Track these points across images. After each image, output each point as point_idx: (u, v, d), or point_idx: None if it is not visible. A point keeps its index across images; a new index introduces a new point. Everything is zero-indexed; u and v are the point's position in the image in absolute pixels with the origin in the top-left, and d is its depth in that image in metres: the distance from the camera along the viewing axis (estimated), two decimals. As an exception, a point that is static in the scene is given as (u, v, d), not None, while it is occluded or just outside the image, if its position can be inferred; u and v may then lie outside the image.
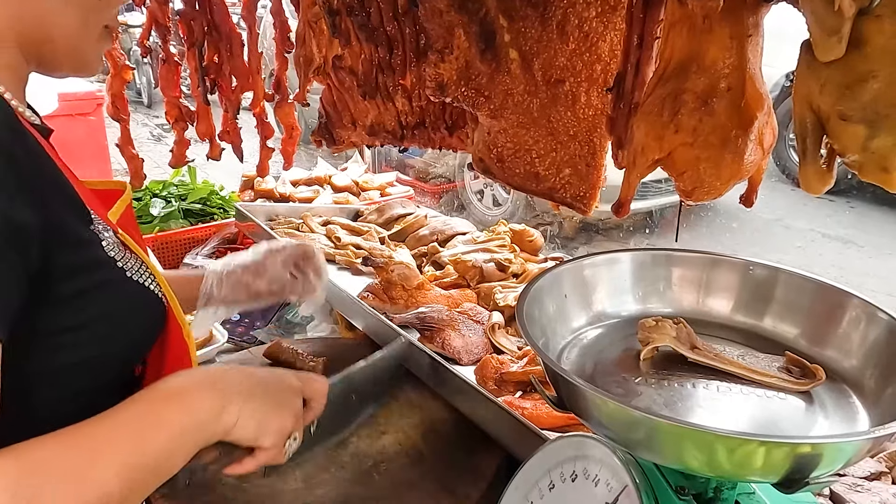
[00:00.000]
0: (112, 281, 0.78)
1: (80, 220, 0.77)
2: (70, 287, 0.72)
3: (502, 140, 1.30)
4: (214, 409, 0.72)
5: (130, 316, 0.81)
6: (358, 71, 1.57)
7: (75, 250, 0.74)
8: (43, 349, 0.72)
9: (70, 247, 0.73)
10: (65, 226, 0.73)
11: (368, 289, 1.67)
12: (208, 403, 0.72)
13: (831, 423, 0.80)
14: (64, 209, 0.74)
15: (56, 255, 0.70)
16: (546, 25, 1.23)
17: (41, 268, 0.68)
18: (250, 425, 0.74)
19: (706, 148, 1.05)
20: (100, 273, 0.77)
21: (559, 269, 0.99)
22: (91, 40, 0.82)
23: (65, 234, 0.72)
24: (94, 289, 0.75)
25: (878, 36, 0.82)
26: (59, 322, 0.72)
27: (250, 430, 0.74)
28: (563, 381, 0.80)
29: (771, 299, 0.98)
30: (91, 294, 0.75)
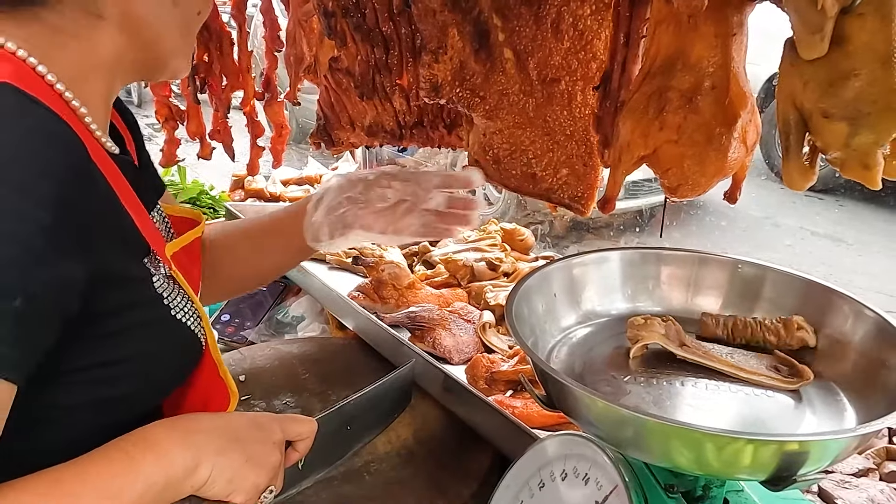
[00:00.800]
0: (155, 319, 0.78)
1: (134, 256, 0.77)
2: (113, 324, 0.72)
3: (498, 141, 1.30)
4: (187, 465, 0.71)
5: (168, 355, 0.80)
6: (355, 72, 1.56)
7: (123, 289, 0.73)
8: (77, 383, 0.71)
9: (118, 287, 0.72)
10: (115, 267, 0.72)
11: (359, 288, 1.66)
12: (181, 459, 0.70)
13: (819, 420, 0.80)
14: (118, 250, 0.73)
15: (102, 296, 0.69)
16: (540, 24, 1.22)
17: (83, 310, 0.67)
18: (221, 482, 0.73)
19: (691, 145, 1.05)
20: (145, 311, 0.77)
21: (548, 268, 0.99)
22: (189, 49, 0.87)
23: (114, 275, 0.71)
24: (137, 326, 0.75)
25: (860, 34, 0.83)
26: (98, 357, 0.72)
27: (221, 486, 0.73)
28: (552, 381, 0.80)
29: (759, 297, 0.98)
30: (133, 331, 0.74)
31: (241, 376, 1.47)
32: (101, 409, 0.74)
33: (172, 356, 0.81)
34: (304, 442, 0.86)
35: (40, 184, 0.62)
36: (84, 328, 0.68)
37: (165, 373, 0.81)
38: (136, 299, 0.75)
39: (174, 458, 0.70)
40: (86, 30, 0.75)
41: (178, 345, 0.81)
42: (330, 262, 1.88)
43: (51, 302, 0.63)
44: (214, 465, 0.72)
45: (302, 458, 0.89)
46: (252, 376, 1.47)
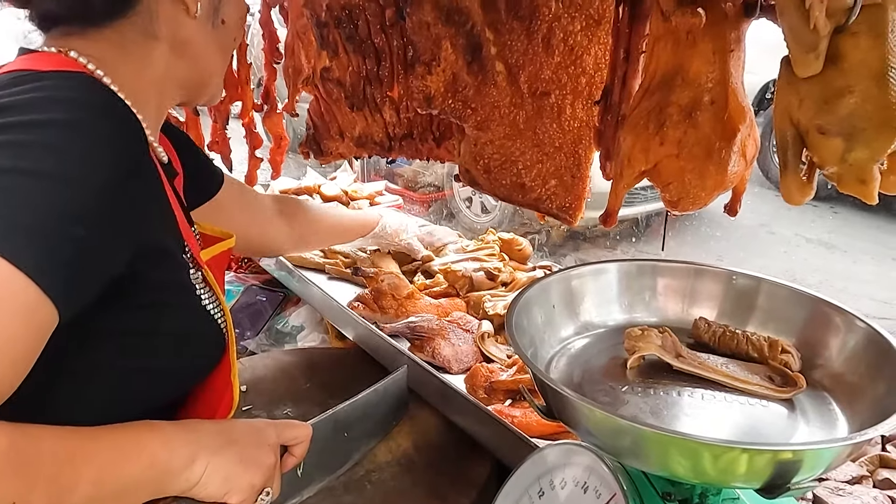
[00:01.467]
0: (188, 304, 0.85)
1: (178, 247, 0.84)
2: (150, 296, 0.78)
3: (489, 151, 1.32)
4: (186, 457, 0.74)
5: (196, 340, 0.86)
6: (345, 82, 1.58)
7: (166, 268, 0.81)
8: (110, 345, 0.76)
9: (162, 264, 0.80)
10: (163, 245, 0.80)
11: (358, 298, 1.67)
12: (181, 450, 0.74)
13: (812, 429, 0.82)
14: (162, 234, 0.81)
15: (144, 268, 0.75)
16: (532, 39, 1.25)
17: (127, 275, 0.73)
18: (216, 480, 0.76)
19: (691, 159, 1.07)
20: (180, 294, 0.83)
21: (547, 280, 1.01)
22: (223, 73, 0.97)
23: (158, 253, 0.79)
24: (171, 306, 0.82)
25: (853, 52, 0.85)
26: (132, 325, 0.77)
27: (216, 485, 0.76)
28: (551, 392, 0.81)
29: (754, 308, 1.00)
30: (167, 308, 0.81)
31: (242, 386, 1.48)
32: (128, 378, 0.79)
33: (198, 342, 0.87)
34: (301, 446, 0.90)
35: (120, 149, 0.71)
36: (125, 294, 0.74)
37: (191, 357, 0.86)
38: (173, 282, 0.82)
39: (176, 447, 0.74)
40: (143, 48, 0.85)
41: (206, 333, 0.87)
42: (329, 271, 1.90)
43: (104, 252, 0.69)
44: (210, 462, 0.76)
45: (300, 464, 0.91)
46: (253, 386, 1.48)
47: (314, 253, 1.94)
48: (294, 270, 1.84)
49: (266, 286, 2.02)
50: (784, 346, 0.91)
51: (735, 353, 0.94)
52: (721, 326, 0.97)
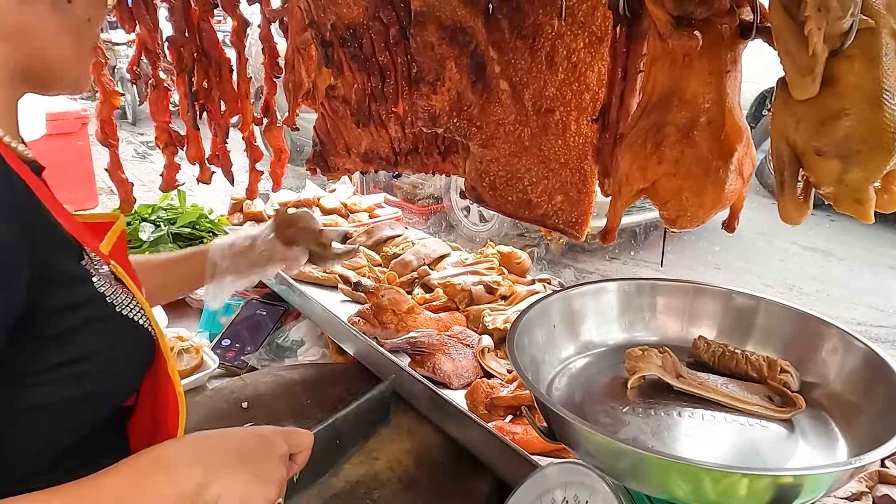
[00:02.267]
0: (102, 317, 0.78)
1: (71, 258, 0.77)
2: (60, 325, 0.73)
3: (494, 168, 1.33)
4: (198, 483, 0.72)
5: (121, 351, 0.81)
6: (351, 100, 1.59)
7: (65, 289, 0.74)
8: (35, 386, 0.73)
9: (60, 286, 0.74)
10: (53, 269, 0.73)
11: (359, 314, 1.68)
12: (191, 476, 0.72)
13: (812, 450, 0.82)
14: (53, 249, 0.75)
15: (45, 298, 0.71)
16: (535, 57, 1.26)
17: (32, 308, 0.69)
18: (232, 499, 0.75)
19: (688, 178, 1.08)
20: (90, 310, 0.77)
21: (548, 300, 1.01)
22: (84, 60, 0.86)
23: (53, 277, 0.73)
24: (85, 325, 0.76)
25: (849, 75, 0.86)
26: (51, 359, 0.73)
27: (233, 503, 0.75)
28: (552, 414, 0.82)
29: (752, 326, 1.01)
30: (82, 331, 0.76)
31: (243, 403, 1.48)
32: (64, 411, 0.75)
33: (124, 352, 0.81)
34: (303, 454, 0.89)
35: None
36: (34, 329, 0.70)
37: (121, 370, 0.82)
38: (80, 300, 0.76)
39: (184, 476, 0.72)
40: None
41: (129, 341, 0.82)
42: (321, 280, 1.90)
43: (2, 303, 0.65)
44: (225, 484, 0.74)
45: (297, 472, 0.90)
46: (254, 403, 1.48)
47: (312, 267, 1.95)
48: (294, 285, 1.85)
49: (266, 300, 2.02)
50: (783, 365, 0.92)
51: (734, 373, 0.95)
52: (720, 346, 0.97)
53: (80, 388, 0.76)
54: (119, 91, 2.11)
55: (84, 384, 0.76)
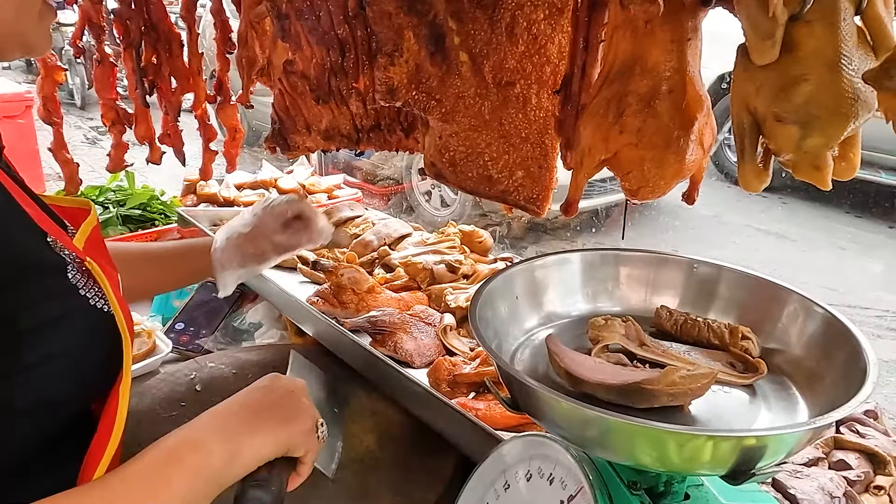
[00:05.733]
0: (74, 309, 0.75)
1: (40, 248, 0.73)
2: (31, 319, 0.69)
3: (454, 144, 1.30)
4: (227, 453, 0.74)
5: (94, 347, 0.77)
6: (310, 75, 1.55)
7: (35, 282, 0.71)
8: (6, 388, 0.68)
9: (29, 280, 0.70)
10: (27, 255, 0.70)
11: (318, 293, 1.64)
12: (221, 448, 0.74)
13: (774, 414, 0.83)
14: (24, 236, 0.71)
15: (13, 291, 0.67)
16: (495, 28, 1.23)
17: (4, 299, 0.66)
18: (265, 453, 0.77)
19: (650, 148, 1.07)
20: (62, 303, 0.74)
21: (510, 271, 1.00)
22: (31, 20, 0.79)
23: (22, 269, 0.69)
24: (60, 318, 0.72)
25: (808, 40, 0.86)
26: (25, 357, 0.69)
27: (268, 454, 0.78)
28: (516, 383, 0.80)
29: (714, 295, 1.01)
30: (54, 325, 0.72)
31: (196, 386, 1.44)
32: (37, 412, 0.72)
33: (98, 348, 0.78)
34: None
35: None
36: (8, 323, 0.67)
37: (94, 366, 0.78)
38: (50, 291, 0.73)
39: (214, 449, 0.74)
40: None
41: (103, 336, 0.78)
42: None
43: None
44: (253, 444, 0.76)
45: None
46: (208, 386, 1.43)
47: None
48: (251, 266, 1.80)
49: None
50: (744, 332, 0.92)
51: (697, 341, 0.95)
52: (682, 314, 0.97)
53: (52, 387, 0.72)
54: (62, 66, 2.01)
55: (55, 383, 0.72)
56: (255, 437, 0.77)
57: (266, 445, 0.78)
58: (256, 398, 0.83)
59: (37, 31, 0.80)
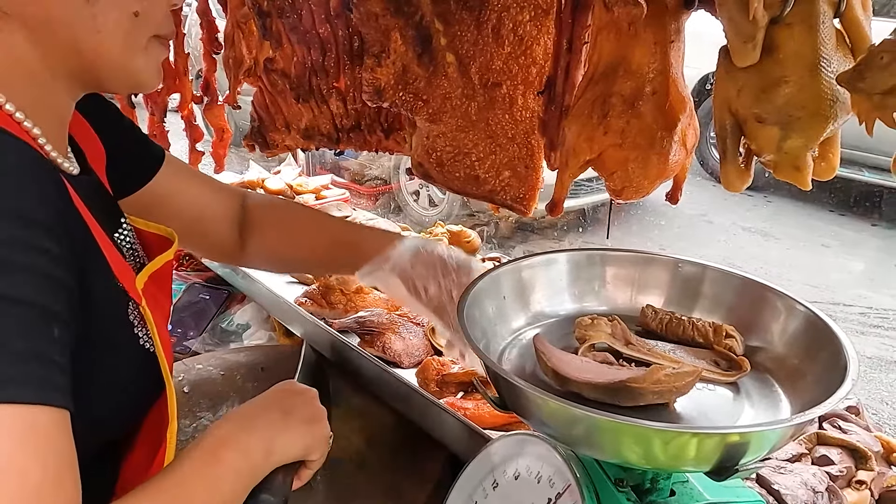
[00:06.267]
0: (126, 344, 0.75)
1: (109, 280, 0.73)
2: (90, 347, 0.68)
3: (441, 144, 1.31)
4: (264, 450, 0.75)
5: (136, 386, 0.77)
6: (290, 73, 1.55)
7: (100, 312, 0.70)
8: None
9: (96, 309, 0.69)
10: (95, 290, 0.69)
11: (306, 294, 1.64)
12: (256, 446, 0.75)
13: (756, 411, 0.84)
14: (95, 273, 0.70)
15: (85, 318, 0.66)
16: (481, 29, 1.24)
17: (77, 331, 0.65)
18: (294, 453, 0.79)
19: (634, 149, 1.08)
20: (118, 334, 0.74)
21: (498, 271, 1.00)
22: (136, 56, 0.76)
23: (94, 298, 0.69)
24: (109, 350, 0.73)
25: (788, 42, 0.87)
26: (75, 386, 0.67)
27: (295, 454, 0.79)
28: (504, 383, 0.81)
29: (699, 294, 1.02)
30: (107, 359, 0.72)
31: (184, 387, 1.43)
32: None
33: (139, 386, 0.78)
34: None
35: (38, 212, 0.61)
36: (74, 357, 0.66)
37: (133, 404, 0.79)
38: (111, 323, 0.73)
39: (251, 446, 0.75)
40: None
41: (146, 374, 0.78)
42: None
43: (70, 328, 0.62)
44: (285, 441, 0.78)
45: None
46: (197, 387, 1.43)
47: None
48: (239, 267, 1.79)
49: (209, 284, 1.96)
50: (728, 331, 0.93)
51: (681, 340, 0.96)
52: (668, 313, 0.98)
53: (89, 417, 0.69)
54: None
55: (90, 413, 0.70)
56: (286, 434, 0.78)
57: (295, 445, 0.79)
58: (282, 398, 0.83)
59: (142, 67, 0.77)
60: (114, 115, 0.97)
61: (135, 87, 0.82)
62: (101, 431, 0.76)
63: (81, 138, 0.85)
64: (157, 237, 0.91)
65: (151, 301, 0.79)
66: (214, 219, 1.12)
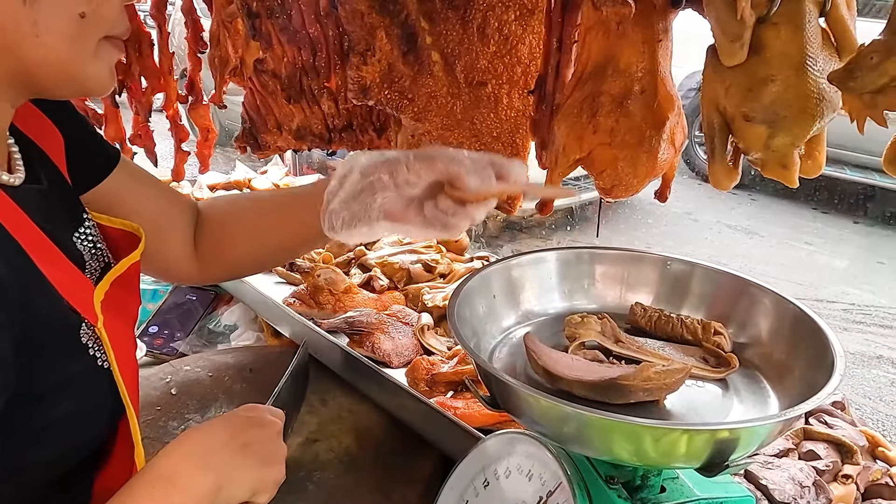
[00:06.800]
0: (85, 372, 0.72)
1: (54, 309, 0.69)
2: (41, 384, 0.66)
3: (427, 142, 1.31)
4: (211, 488, 0.70)
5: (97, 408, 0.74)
6: (281, 74, 1.54)
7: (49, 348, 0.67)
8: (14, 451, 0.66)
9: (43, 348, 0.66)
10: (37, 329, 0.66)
11: (294, 295, 1.63)
12: (202, 484, 0.70)
13: (745, 407, 0.85)
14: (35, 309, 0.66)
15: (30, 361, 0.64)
16: (467, 28, 1.24)
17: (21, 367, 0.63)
18: (243, 493, 0.74)
19: (623, 147, 1.09)
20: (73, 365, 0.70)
21: (488, 270, 1.00)
22: (85, 61, 0.70)
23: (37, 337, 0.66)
24: (67, 383, 0.70)
25: (775, 42, 0.88)
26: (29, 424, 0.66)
27: (243, 495, 0.74)
28: (495, 381, 0.81)
29: (688, 291, 1.03)
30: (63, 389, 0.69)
31: (172, 390, 1.42)
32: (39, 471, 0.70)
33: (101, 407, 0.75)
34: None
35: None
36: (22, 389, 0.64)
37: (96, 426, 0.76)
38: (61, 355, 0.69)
39: (196, 485, 0.70)
40: None
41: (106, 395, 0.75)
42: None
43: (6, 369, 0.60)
44: (236, 479, 0.73)
45: None
46: (185, 389, 1.42)
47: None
48: (225, 268, 1.78)
49: (196, 284, 1.95)
50: (716, 327, 0.94)
51: (671, 337, 0.97)
52: (656, 311, 0.99)
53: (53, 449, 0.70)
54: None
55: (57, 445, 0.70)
56: (239, 472, 0.74)
57: (244, 486, 0.74)
58: (244, 429, 0.77)
59: (95, 72, 0.71)
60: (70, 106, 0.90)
61: (84, 93, 0.76)
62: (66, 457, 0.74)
63: (37, 132, 0.80)
64: (124, 233, 0.85)
65: (114, 309, 0.75)
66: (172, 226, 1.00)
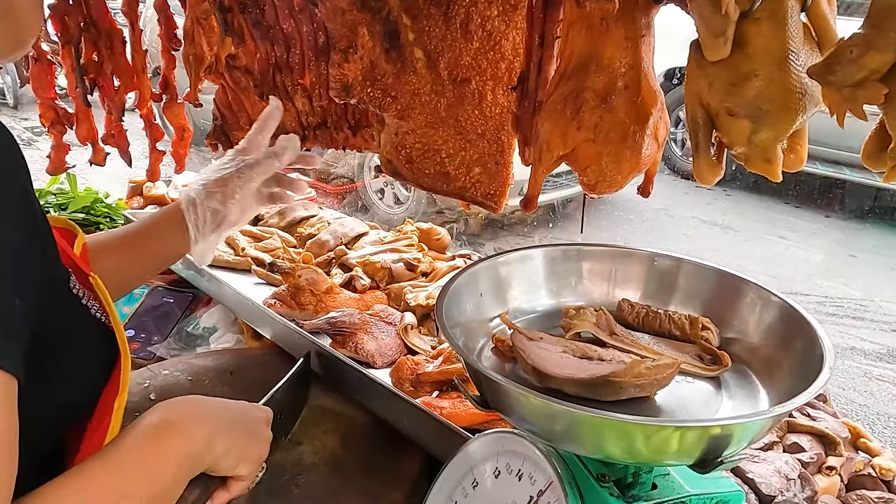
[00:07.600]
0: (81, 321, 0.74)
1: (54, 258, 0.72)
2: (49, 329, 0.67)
3: (411, 141, 1.30)
4: (206, 439, 0.74)
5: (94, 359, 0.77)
6: (254, 70, 1.51)
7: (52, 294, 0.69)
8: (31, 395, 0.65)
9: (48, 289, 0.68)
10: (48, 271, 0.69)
11: (275, 296, 1.61)
12: (200, 434, 0.74)
13: (735, 402, 0.85)
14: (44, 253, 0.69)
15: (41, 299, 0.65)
16: (449, 24, 1.23)
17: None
18: (233, 455, 0.78)
19: (607, 143, 1.08)
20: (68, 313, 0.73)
21: (475, 268, 0.99)
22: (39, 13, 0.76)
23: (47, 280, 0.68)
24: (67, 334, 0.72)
25: (757, 37, 0.88)
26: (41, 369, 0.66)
27: (232, 459, 0.78)
28: (486, 381, 0.80)
29: (675, 287, 1.03)
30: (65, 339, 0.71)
31: (151, 395, 1.39)
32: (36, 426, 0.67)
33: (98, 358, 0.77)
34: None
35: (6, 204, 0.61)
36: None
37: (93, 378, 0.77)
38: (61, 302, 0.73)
39: (195, 433, 0.74)
40: None
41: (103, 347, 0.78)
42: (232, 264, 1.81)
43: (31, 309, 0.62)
44: (227, 440, 0.77)
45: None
46: (164, 393, 1.39)
47: (224, 250, 1.85)
48: (204, 269, 1.75)
49: (173, 287, 1.91)
50: (704, 323, 0.94)
51: (658, 333, 0.97)
52: (644, 307, 0.99)
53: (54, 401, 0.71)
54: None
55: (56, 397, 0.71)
56: (230, 435, 0.77)
57: (233, 449, 0.77)
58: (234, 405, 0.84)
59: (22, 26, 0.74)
60: None
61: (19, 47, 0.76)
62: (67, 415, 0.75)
63: None
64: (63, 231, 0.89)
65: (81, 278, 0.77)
66: None
